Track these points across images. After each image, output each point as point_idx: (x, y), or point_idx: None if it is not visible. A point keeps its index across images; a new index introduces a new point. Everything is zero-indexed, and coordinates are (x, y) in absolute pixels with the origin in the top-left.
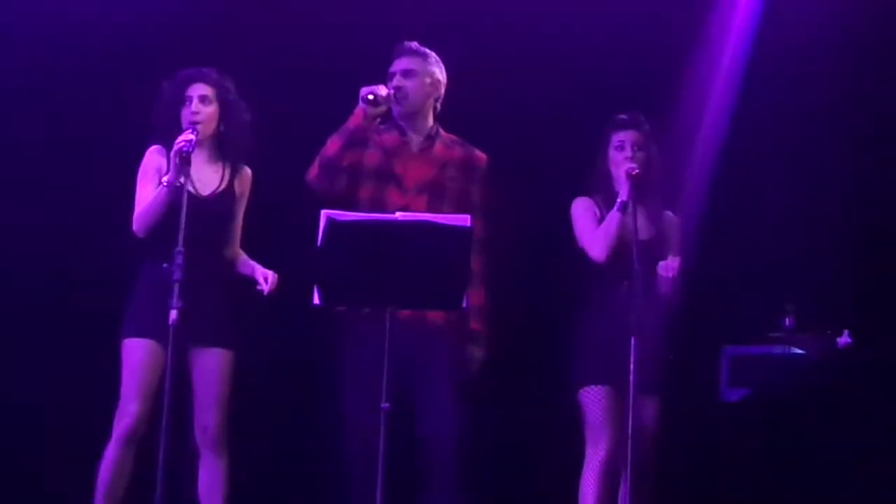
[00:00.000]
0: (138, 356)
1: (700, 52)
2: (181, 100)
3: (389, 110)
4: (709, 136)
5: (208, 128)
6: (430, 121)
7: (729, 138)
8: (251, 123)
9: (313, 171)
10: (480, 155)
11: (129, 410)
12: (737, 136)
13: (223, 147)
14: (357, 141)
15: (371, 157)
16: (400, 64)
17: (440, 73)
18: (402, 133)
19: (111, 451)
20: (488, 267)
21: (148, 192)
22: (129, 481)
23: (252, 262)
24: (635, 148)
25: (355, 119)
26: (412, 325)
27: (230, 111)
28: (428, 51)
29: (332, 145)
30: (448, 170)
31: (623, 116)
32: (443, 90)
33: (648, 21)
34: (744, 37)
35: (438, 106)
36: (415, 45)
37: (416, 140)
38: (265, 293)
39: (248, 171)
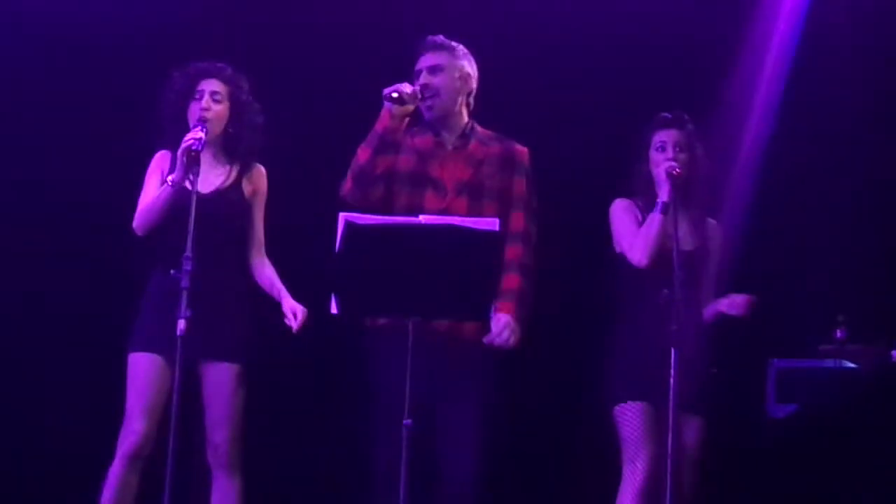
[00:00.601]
0: (144, 371)
1: (744, 51)
2: (191, 94)
3: (419, 111)
4: (754, 140)
5: (217, 127)
6: (465, 117)
7: (775, 142)
8: (263, 125)
9: (347, 185)
10: (521, 148)
11: (133, 428)
12: (784, 140)
13: (230, 148)
14: (388, 145)
15: (405, 162)
16: (426, 60)
17: (470, 66)
18: (436, 133)
19: (115, 471)
20: (526, 258)
21: (152, 192)
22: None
23: (280, 287)
24: (677, 149)
25: (382, 121)
26: (448, 339)
27: (242, 111)
28: (455, 43)
29: (363, 153)
30: (485, 167)
31: (666, 115)
32: (474, 84)
33: (693, 19)
34: (789, 35)
35: (471, 101)
36: (440, 38)
37: (449, 140)
38: (294, 330)
39: (260, 168)
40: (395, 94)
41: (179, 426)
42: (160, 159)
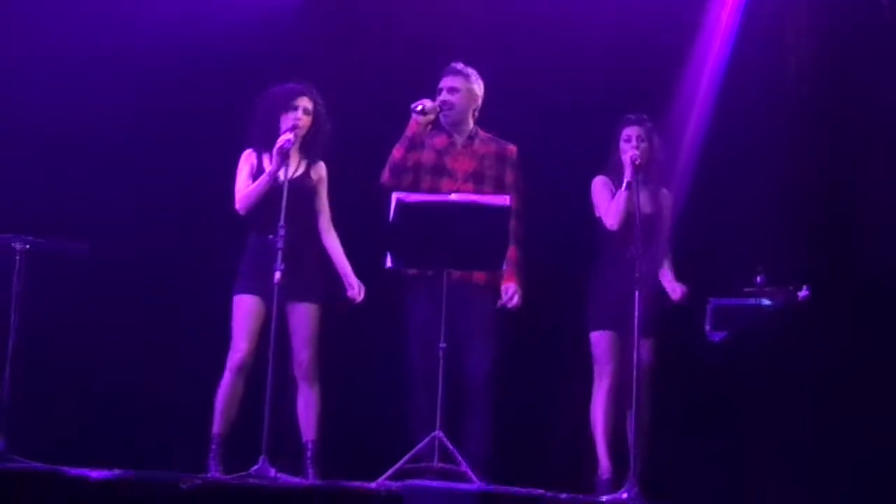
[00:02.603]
0: (246, 307)
1: (688, 64)
2: (287, 106)
3: (437, 117)
4: (696, 128)
5: (301, 133)
6: (471, 124)
7: (712, 131)
8: (330, 131)
9: (385, 175)
10: (511, 147)
11: (239, 347)
12: (719, 130)
13: (306, 148)
14: (415, 145)
15: (427, 157)
16: (447, 82)
17: (478, 87)
18: (449, 135)
19: (226, 380)
20: (520, 231)
21: (244, 181)
22: (241, 405)
23: (345, 262)
24: (639, 139)
25: (411, 128)
26: (462, 283)
27: (319, 122)
28: (469, 70)
29: (397, 152)
30: (485, 161)
31: (630, 116)
32: (480, 101)
33: (650, 36)
34: (724, 50)
35: (477, 113)
36: (459, 65)
37: (460, 140)
38: (356, 301)
39: (321, 163)
40: (419, 108)
41: (276, 350)
42: (248, 156)
